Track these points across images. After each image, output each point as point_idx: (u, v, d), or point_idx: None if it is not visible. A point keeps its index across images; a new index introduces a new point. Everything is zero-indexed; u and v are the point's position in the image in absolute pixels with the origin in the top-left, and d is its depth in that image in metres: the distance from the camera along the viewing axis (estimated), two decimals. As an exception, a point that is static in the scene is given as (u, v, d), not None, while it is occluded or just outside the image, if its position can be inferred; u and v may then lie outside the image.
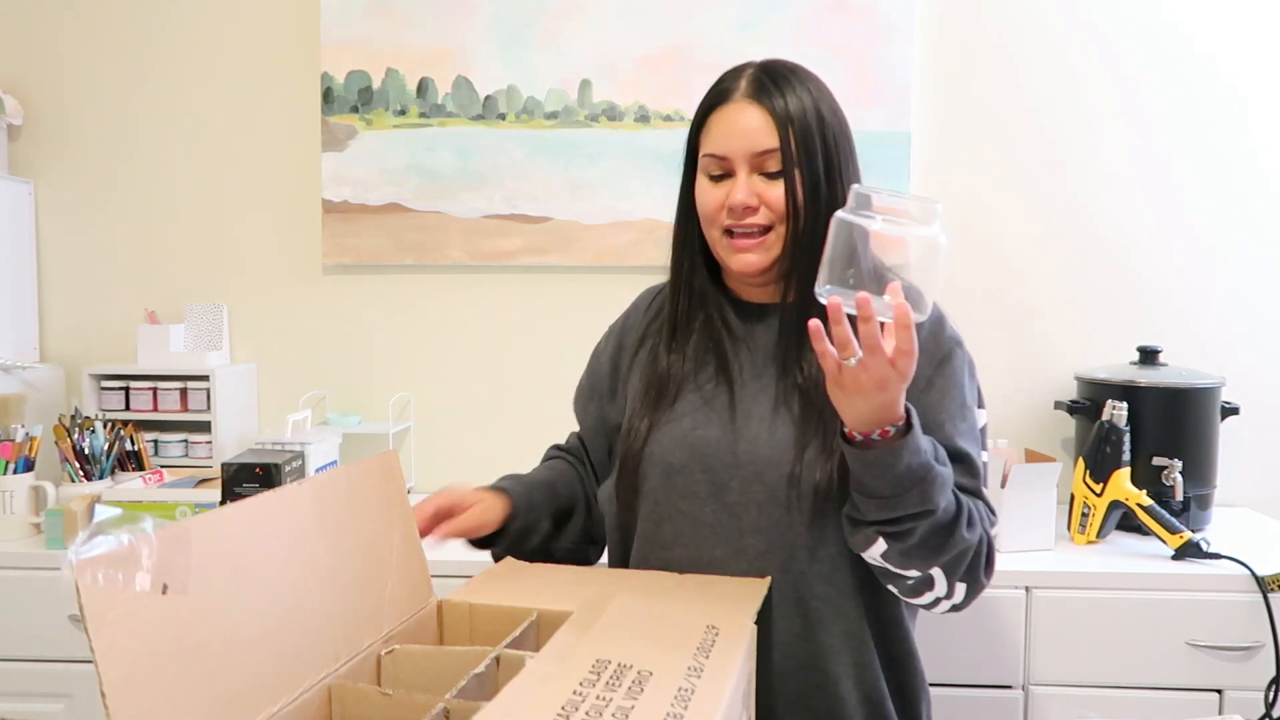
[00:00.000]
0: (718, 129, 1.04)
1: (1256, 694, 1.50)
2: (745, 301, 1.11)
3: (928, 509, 0.89)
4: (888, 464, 0.87)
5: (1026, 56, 2.01)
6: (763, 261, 1.02)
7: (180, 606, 0.62)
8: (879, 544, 0.92)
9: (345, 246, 2.09)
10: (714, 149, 1.03)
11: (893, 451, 0.87)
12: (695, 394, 1.07)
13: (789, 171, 1.00)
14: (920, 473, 0.88)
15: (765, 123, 1.01)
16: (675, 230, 1.12)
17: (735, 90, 1.03)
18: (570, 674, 0.69)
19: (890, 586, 0.98)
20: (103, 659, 0.55)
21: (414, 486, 2.07)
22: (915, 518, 0.89)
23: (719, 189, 1.04)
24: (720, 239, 1.04)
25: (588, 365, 1.24)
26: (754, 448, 1.01)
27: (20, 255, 2.10)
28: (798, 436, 1.00)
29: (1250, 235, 2.00)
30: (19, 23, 2.12)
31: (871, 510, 0.90)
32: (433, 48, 2.05)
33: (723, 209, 1.03)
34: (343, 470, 0.86)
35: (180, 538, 0.64)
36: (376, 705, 0.73)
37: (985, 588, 0.98)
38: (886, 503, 0.89)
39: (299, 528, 0.77)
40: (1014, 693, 1.55)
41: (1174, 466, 1.70)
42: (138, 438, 1.95)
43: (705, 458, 1.03)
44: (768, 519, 1.00)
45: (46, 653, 1.64)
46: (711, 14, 1.99)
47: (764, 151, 1.00)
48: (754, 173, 1.01)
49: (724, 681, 0.69)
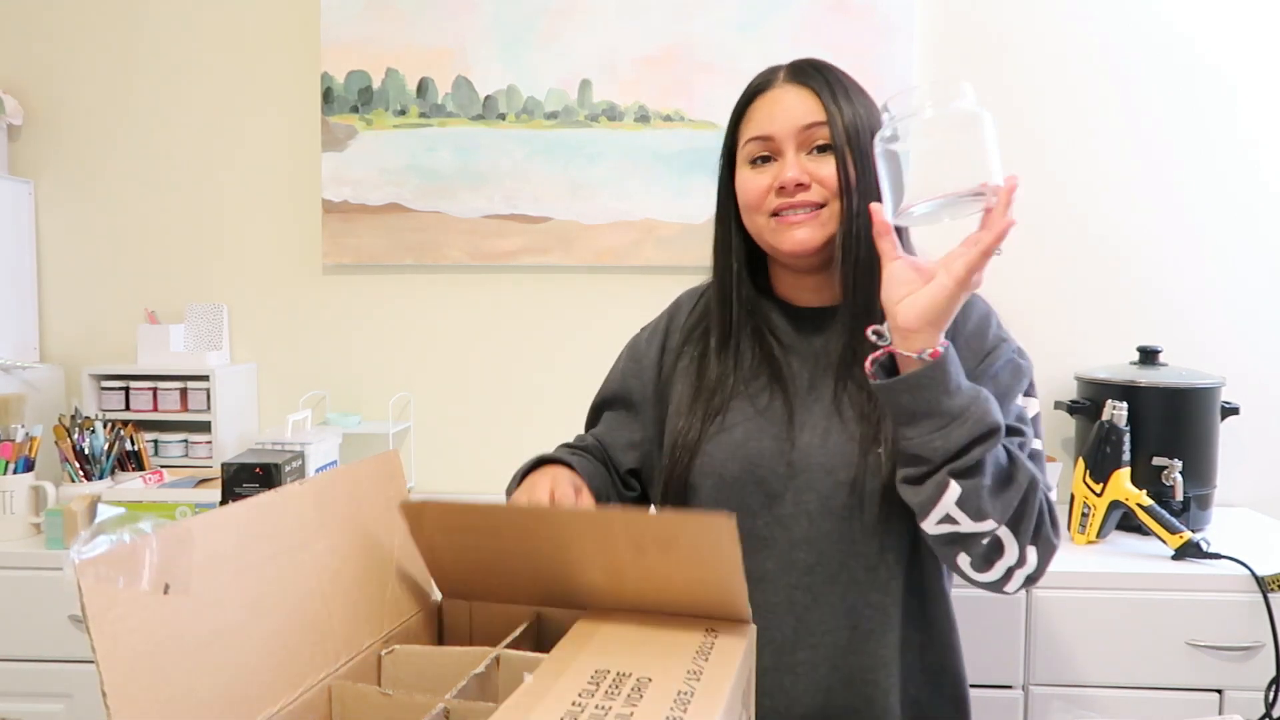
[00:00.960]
0: (760, 113, 1.00)
1: (1256, 694, 1.50)
2: (796, 306, 1.07)
3: (991, 427, 0.84)
4: (945, 378, 0.83)
5: (1026, 57, 2.01)
6: (816, 238, 0.97)
7: (182, 606, 0.62)
8: (951, 490, 0.86)
9: (345, 246, 2.09)
10: (757, 131, 0.99)
11: (946, 363, 0.83)
12: (748, 404, 1.03)
13: (839, 146, 0.96)
14: (972, 391, 0.85)
15: (811, 99, 0.98)
16: (716, 236, 1.08)
17: (775, 79, 1.01)
18: (569, 686, 0.69)
19: (961, 561, 0.91)
20: (104, 659, 0.55)
21: (414, 486, 2.07)
22: (981, 441, 0.84)
23: (764, 173, 1.00)
24: (767, 223, 1.00)
25: (621, 366, 1.17)
26: (808, 456, 0.98)
27: (20, 255, 2.10)
28: (862, 439, 0.97)
29: (1249, 235, 2.00)
30: (19, 23, 2.12)
31: (936, 445, 0.85)
32: (433, 48, 2.05)
33: (769, 192, 0.98)
34: (344, 470, 0.86)
35: (182, 537, 0.64)
36: (376, 705, 0.73)
37: (1057, 549, 0.92)
38: (951, 426, 0.84)
39: (300, 527, 0.77)
40: (1014, 692, 1.55)
41: (1174, 466, 1.70)
42: (138, 438, 1.95)
43: (758, 469, 0.99)
44: (818, 530, 0.97)
45: (47, 653, 1.64)
46: (711, 14, 1.99)
47: (812, 124, 0.97)
48: (801, 150, 0.98)
49: (723, 683, 0.69)
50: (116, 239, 2.15)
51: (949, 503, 0.86)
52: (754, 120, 1.00)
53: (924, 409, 0.84)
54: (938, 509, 0.87)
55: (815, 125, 0.97)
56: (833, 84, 0.99)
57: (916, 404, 0.85)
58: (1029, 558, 0.90)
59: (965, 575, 0.92)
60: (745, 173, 1.01)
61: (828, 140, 0.97)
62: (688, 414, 1.05)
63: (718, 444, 1.01)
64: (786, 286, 1.08)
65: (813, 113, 0.97)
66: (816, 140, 0.97)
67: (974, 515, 0.86)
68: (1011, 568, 0.90)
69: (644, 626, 0.81)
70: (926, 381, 0.83)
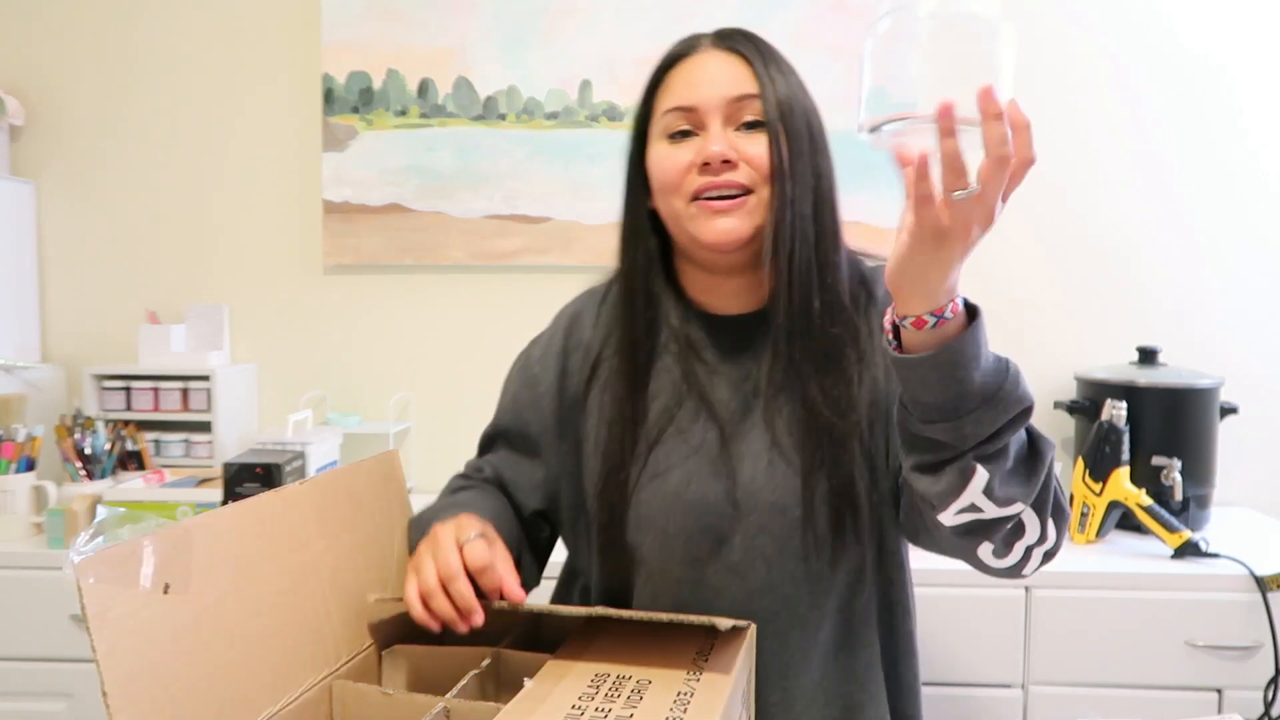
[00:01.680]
0: (680, 81, 0.88)
1: (1256, 693, 1.50)
2: (714, 315, 0.93)
3: (1026, 405, 0.71)
4: (968, 359, 0.68)
5: (1026, 57, 2.01)
6: (743, 229, 0.84)
7: (181, 606, 0.63)
8: (979, 477, 0.72)
9: (346, 247, 2.09)
10: (677, 100, 0.86)
11: (971, 340, 0.68)
12: (678, 439, 0.89)
13: (771, 123, 0.84)
14: (999, 365, 0.71)
15: (741, 68, 0.86)
16: (623, 228, 0.93)
17: (699, 44, 0.90)
18: (569, 690, 0.69)
19: (983, 552, 0.80)
20: (104, 659, 0.56)
21: (414, 486, 2.08)
22: (1015, 423, 0.71)
23: (683, 148, 0.86)
24: (686, 208, 0.86)
25: (513, 393, 1.02)
26: (753, 495, 0.86)
27: (21, 256, 2.10)
28: (804, 472, 0.85)
29: (1249, 236, 2.00)
30: (20, 24, 2.13)
31: (966, 431, 0.70)
32: (433, 48, 2.05)
33: (689, 170, 0.85)
34: (344, 470, 0.86)
35: (181, 538, 0.64)
36: (377, 705, 0.74)
37: (1070, 515, 0.82)
38: (982, 409, 0.69)
39: (300, 528, 0.77)
40: (1013, 692, 1.55)
41: (1173, 466, 1.71)
42: (139, 438, 1.95)
43: (703, 516, 0.87)
44: (779, 574, 0.86)
45: (48, 652, 1.64)
46: (711, 14, 1.99)
47: (741, 97, 0.85)
48: (729, 125, 0.85)
49: (723, 683, 0.70)
50: (117, 239, 2.16)
51: (975, 490, 0.73)
52: (673, 89, 0.88)
53: (948, 390, 0.69)
54: (961, 499, 0.74)
55: (746, 98, 0.85)
56: (765, 53, 0.88)
57: (938, 383, 0.70)
58: (1049, 533, 0.79)
59: (983, 566, 0.82)
60: (661, 147, 0.88)
61: (759, 116, 0.85)
62: (610, 455, 0.91)
63: (653, 493, 0.89)
64: (701, 290, 0.94)
65: (743, 82, 0.86)
66: (746, 115, 0.85)
67: (1001, 501, 0.74)
68: (1031, 546, 0.79)
69: (644, 627, 0.82)
70: (947, 358, 0.68)
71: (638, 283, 0.92)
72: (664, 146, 0.88)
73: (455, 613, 0.77)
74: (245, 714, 0.66)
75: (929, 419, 0.72)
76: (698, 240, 0.86)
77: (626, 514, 0.89)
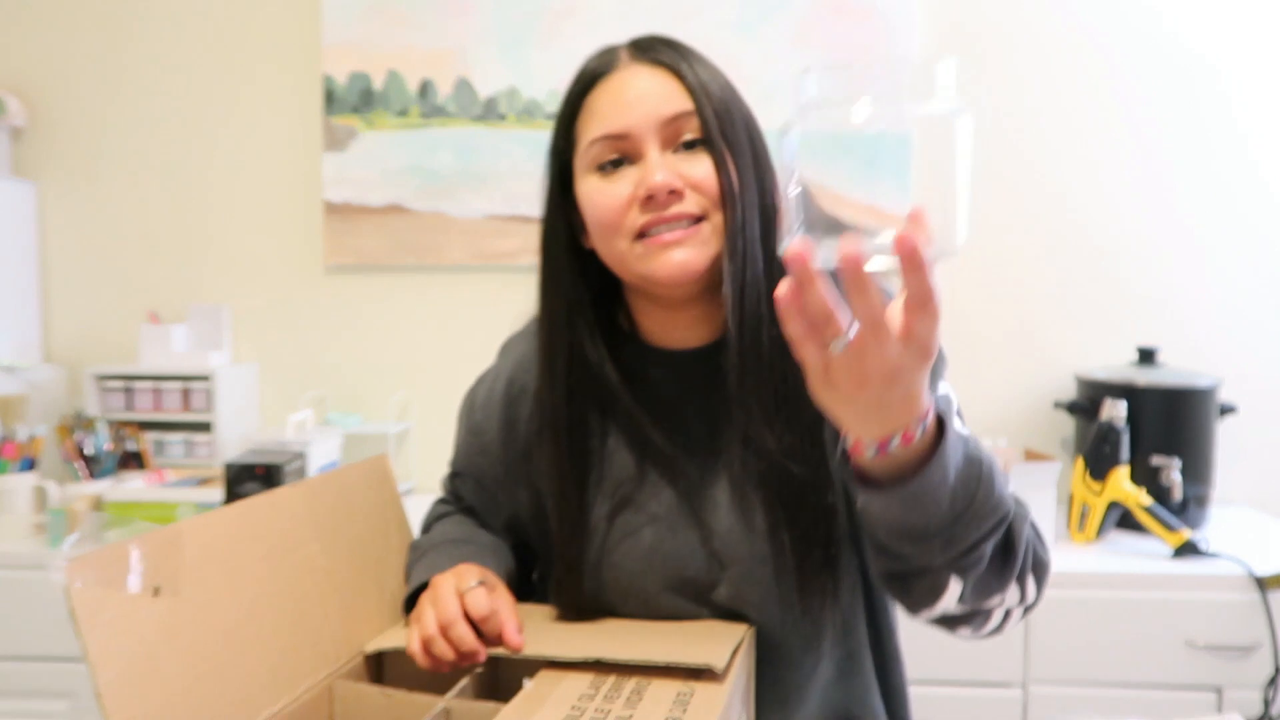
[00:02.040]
0: (604, 104, 0.78)
1: (1255, 693, 1.50)
2: (674, 351, 0.84)
3: (1001, 516, 0.65)
4: (933, 487, 0.61)
5: (1026, 58, 2.01)
6: (700, 259, 0.75)
7: (173, 608, 0.63)
8: (952, 589, 0.67)
9: (346, 247, 2.09)
10: (605, 128, 0.77)
11: (937, 467, 0.60)
12: (643, 494, 0.83)
13: (713, 141, 0.76)
14: (974, 469, 0.63)
15: (670, 81, 0.77)
16: (543, 277, 0.83)
17: (617, 59, 0.80)
18: (569, 690, 0.69)
19: (961, 634, 0.75)
20: (96, 660, 0.56)
21: (414, 487, 2.08)
22: (990, 534, 0.65)
23: (619, 180, 0.77)
24: (632, 248, 0.76)
25: (463, 438, 0.96)
26: (731, 546, 0.80)
27: (23, 256, 2.11)
28: (769, 524, 0.79)
29: (1247, 237, 2.00)
30: (22, 25, 2.13)
31: (936, 549, 0.65)
32: (433, 49, 2.05)
33: (630, 204, 0.76)
34: (334, 474, 0.87)
35: (169, 541, 0.65)
36: (377, 705, 0.74)
37: (1051, 565, 0.74)
38: (951, 533, 0.63)
39: (291, 530, 0.77)
40: (1013, 691, 1.55)
41: (1172, 466, 1.71)
42: (140, 438, 1.96)
43: (683, 571, 0.81)
44: (770, 620, 0.81)
45: (48, 652, 1.64)
46: (711, 14, 1.99)
47: (677, 115, 0.76)
48: (666, 148, 0.76)
49: (722, 684, 0.70)
50: (119, 240, 2.16)
51: (950, 600, 0.69)
52: (596, 114, 0.78)
53: (912, 518, 0.64)
54: (935, 609, 0.70)
55: (683, 115, 0.76)
56: (691, 60, 0.79)
57: (901, 512, 0.64)
58: (1029, 593, 0.73)
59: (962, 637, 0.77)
60: (592, 182, 0.78)
61: (698, 134, 0.76)
62: (569, 516, 0.84)
63: (625, 555, 0.83)
64: (656, 324, 0.85)
65: (675, 98, 0.76)
66: (684, 134, 0.76)
67: (978, 600, 0.70)
68: (1011, 609, 0.74)
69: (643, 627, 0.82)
70: (917, 492, 0.61)
71: (560, 341, 0.82)
72: (595, 181, 0.78)
73: (456, 656, 0.76)
74: (245, 713, 0.66)
75: (892, 539, 0.67)
76: (652, 279, 0.77)
77: (601, 582, 0.84)
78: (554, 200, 0.83)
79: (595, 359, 0.82)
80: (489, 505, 0.96)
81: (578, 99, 0.80)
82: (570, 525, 0.84)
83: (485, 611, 0.77)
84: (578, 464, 0.83)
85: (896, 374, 0.55)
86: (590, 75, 0.80)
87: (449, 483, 1.01)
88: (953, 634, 0.76)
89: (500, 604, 0.79)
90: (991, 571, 0.68)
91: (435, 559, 0.87)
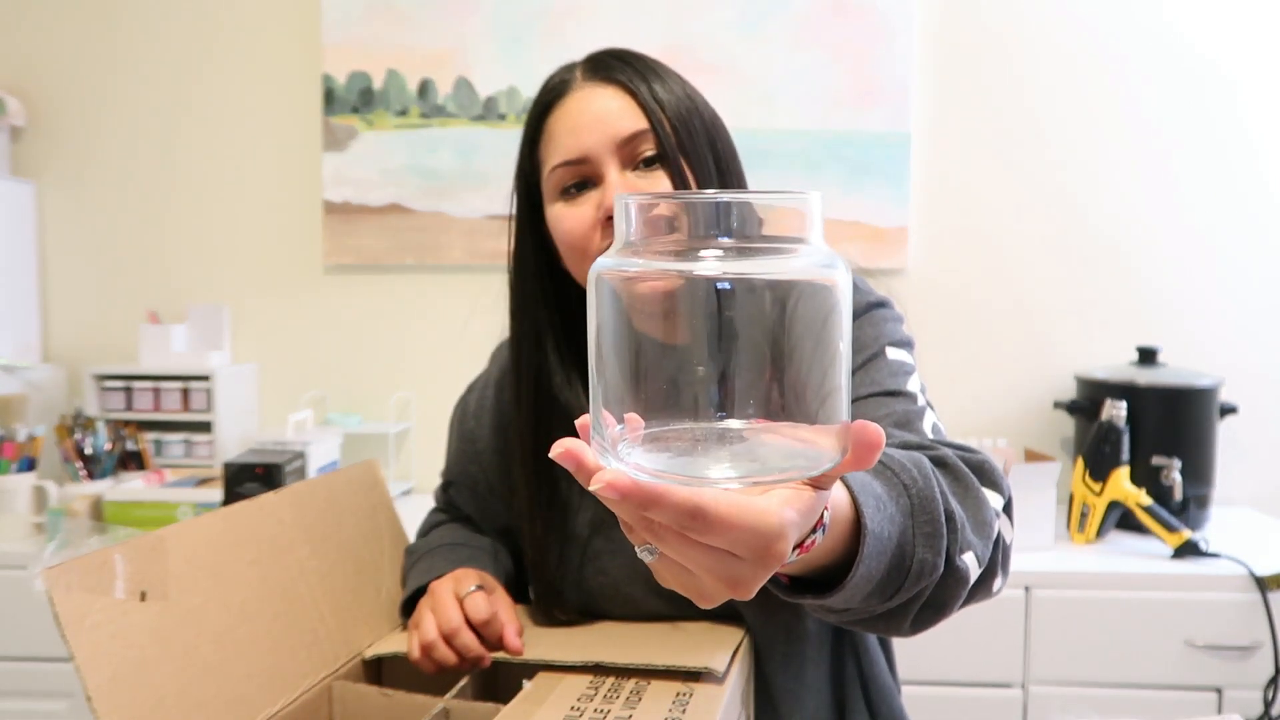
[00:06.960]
0: (561, 128, 0.80)
1: (1255, 693, 1.50)
2: None
3: (928, 572, 0.62)
4: (853, 590, 0.57)
5: (1026, 57, 2.01)
6: None
7: (162, 611, 0.63)
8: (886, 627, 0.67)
9: (346, 247, 2.09)
10: (565, 154, 0.79)
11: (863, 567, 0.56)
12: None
13: (671, 157, 0.77)
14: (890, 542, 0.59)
15: (624, 99, 0.78)
16: (515, 298, 0.87)
17: (570, 81, 0.81)
18: (568, 691, 0.69)
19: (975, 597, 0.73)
20: (84, 664, 0.56)
21: (414, 487, 2.08)
22: (926, 590, 0.64)
23: (581, 205, 0.79)
24: None
25: (455, 447, 0.99)
26: None
27: (22, 256, 2.10)
28: None
29: (1249, 236, 2.00)
30: (22, 24, 2.13)
31: (860, 608, 0.62)
32: (433, 49, 2.05)
33: (595, 227, 0.77)
34: (322, 479, 0.87)
35: (153, 546, 0.65)
36: (376, 705, 0.74)
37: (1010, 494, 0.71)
38: (884, 587, 0.61)
39: (279, 534, 0.77)
40: (1013, 691, 1.55)
41: (1173, 466, 1.71)
42: (139, 438, 1.95)
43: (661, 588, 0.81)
44: (757, 621, 0.81)
45: (48, 652, 1.64)
46: (711, 14, 1.99)
47: (633, 135, 0.77)
48: (626, 167, 0.78)
49: (722, 685, 0.70)
50: (118, 239, 2.16)
51: (888, 631, 0.69)
52: (555, 139, 0.80)
53: (846, 606, 0.61)
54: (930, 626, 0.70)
55: (639, 134, 0.77)
56: (644, 73, 0.80)
57: (821, 611, 0.63)
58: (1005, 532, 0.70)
59: None
60: (558, 209, 0.80)
61: (655, 150, 0.78)
62: (552, 536, 0.85)
63: (610, 561, 0.85)
64: None
65: (631, 117, 0.78)
66: (643, 151, 0.78)
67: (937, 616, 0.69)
68: (1001, 535, 0.71)
69: (642, 629, 0.82)
70: (830, 602, 0.58)
71: (526, 362, 0.84)
72: (560, 207, 0.80)
73: (458, 661, 0.77)
74: (244, 713, 0.66)
75: (844, 618, 0.64)
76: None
77: (589, 585, 0.86)
78: (523, 224, 0.85)
79: (562, 380, 0.84)
80: (485, 511, 0.97)
81: (538, 122, 0.83)
82: (539, 549, 0.85)
83: (485, 616, 0.78)
84: (546, 487, 0.85)
85: (735, 582, 0.44)
86: (546, 98, 0.82)
87: (442, 493, 1.02)
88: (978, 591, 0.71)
89: (500, 607, 0.81)
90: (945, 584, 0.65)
91: (432, 562, 0.88)
